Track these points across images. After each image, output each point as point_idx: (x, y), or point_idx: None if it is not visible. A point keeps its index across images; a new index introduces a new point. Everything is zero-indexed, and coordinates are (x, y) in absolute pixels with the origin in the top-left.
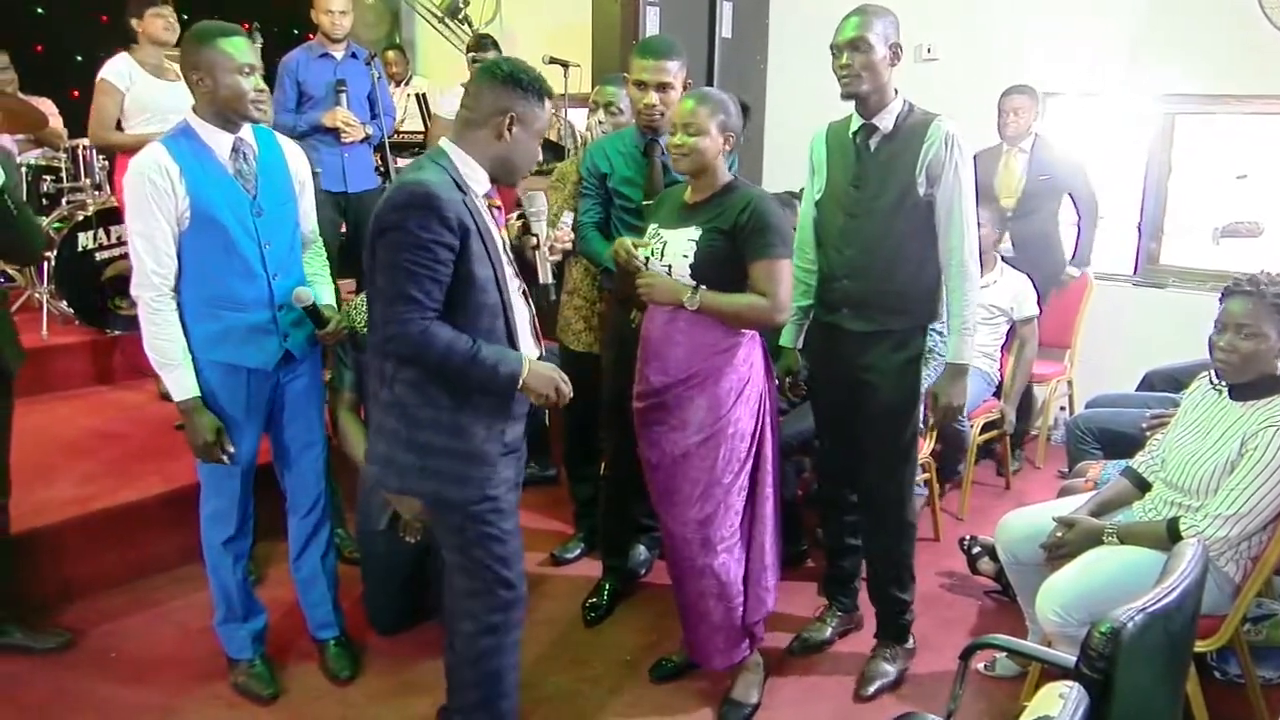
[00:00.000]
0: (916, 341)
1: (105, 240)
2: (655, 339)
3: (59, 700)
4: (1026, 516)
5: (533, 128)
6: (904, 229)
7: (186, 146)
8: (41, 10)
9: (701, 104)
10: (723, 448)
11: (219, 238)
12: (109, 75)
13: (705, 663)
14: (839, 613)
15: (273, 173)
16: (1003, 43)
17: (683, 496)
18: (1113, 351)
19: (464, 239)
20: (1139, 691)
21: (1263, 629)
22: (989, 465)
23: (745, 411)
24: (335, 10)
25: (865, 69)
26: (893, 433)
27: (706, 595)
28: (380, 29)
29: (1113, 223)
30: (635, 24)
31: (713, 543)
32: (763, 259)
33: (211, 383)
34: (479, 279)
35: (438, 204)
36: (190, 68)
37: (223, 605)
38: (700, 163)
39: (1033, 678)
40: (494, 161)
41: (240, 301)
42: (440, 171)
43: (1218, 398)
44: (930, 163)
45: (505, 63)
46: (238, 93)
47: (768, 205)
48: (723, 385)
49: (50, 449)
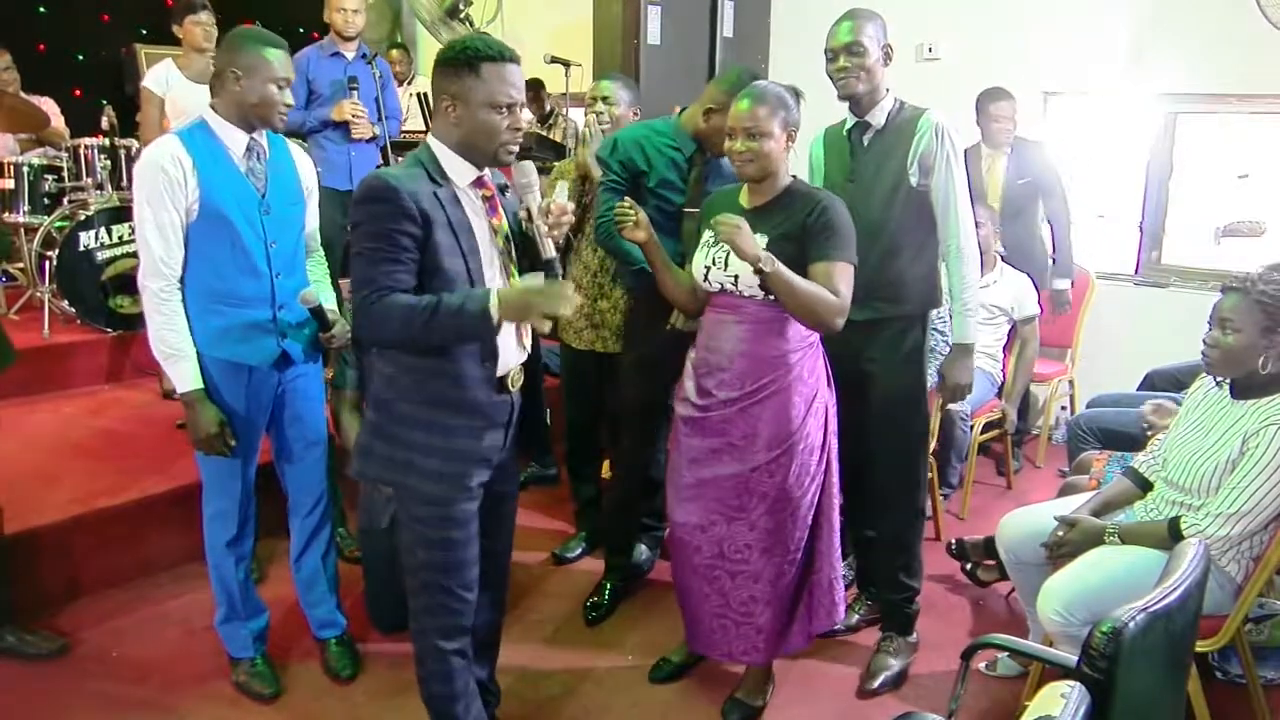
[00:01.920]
0: (916, 332)
1: (107, 240)
2: (715, 349)
3: (61, 699)
4: (1028, 516)
5: (473, 101)
6: (898, 219)
7: (202, 140)
8: (44, 9)
9: (760, 103)
10: (794, 463)
11: (226, 232)
12: (148, 83)
13: (745, 660)
14: (868, 601)
15: (282, 174)
16: (1004, 42)
17: (744, 509)
18: (1114, 351)
19: (428, 230)
20: (1140, 691)
21: (1264, 629)
22: (990, 465)
23: (815, 424)
24: (348, 8)
25: (861, 70)
26: (900, 424)
27: (757, 599)
28: (382, 28)
29: (1114, 222)
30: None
31: (774, 552)
32: (825, 260)
33: (215, 379)
34: (446, 271)
35: (394, 195)
36: (227, 65)
37: (225, 605)
38: (767, 168)
39: (1034, 677)
40: (458, 146)
41: (242, 297)
42: (414, 165)
43: (1219, 396)
44: (922, 154)
45: (440, 50)
46: (269, 101)
47: (836, 208)
48: (793, 400)
49: (52, 448)
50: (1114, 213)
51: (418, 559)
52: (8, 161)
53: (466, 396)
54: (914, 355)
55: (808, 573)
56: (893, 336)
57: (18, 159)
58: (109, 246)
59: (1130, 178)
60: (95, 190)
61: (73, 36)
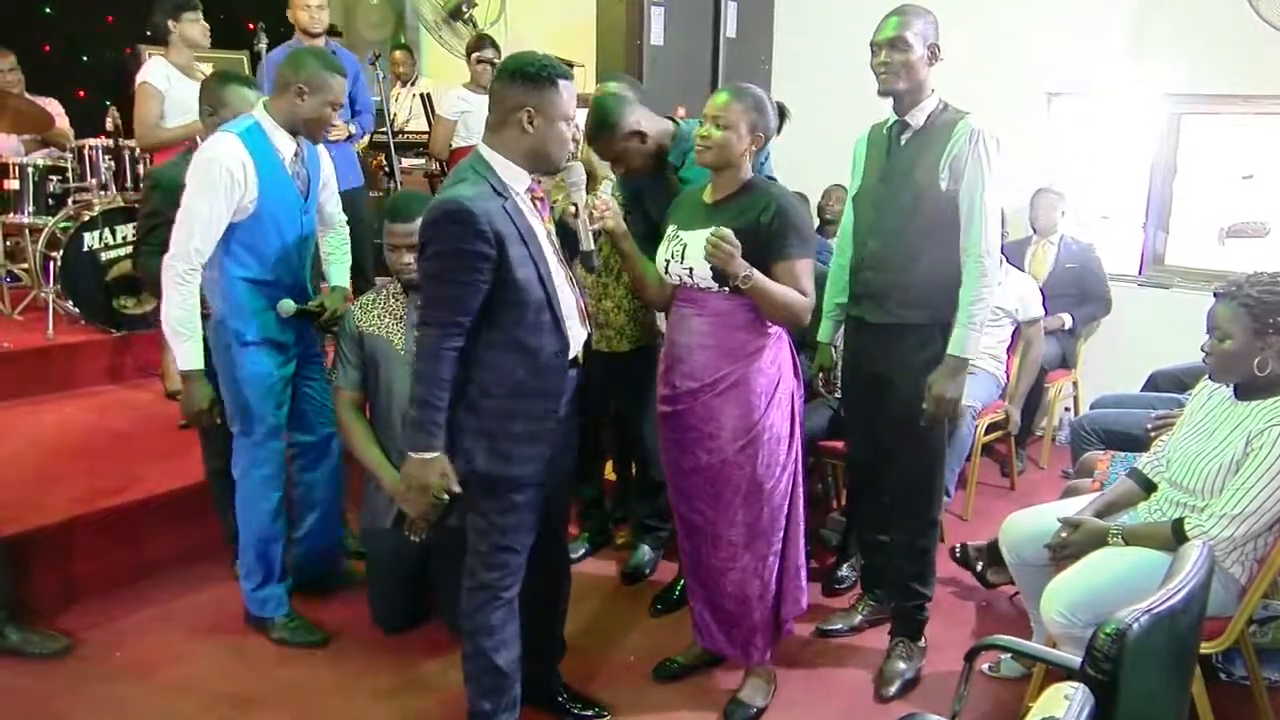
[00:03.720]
0: (938, 342)
1: (111, 240)
2: (680, 342)
3: (63, 699)
4: (1031, 517)
5: (553, 113)
6: (924, 223)
7: (259, 143)
8: (49, 11)
9: (737, 99)
10: (761, 452)
11: (274, 230)
12: (151, 79)
13: (744, 659)
14: (871, 602)
15: (314, 176)
16: (1007, 43)
17: (724, 502)
18: (1117, 352)
19: (501, 248)
20: (1144, 693)
21: (1268, 630)
22: (993, 466)
23: (779, 414)
24: (312, 5)
25: (903, 67)
26: (918, 432)
27: (750, 597)
28: (385, 29)
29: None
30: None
31: (757, 546)
32: (785, 260)
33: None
34: (520, 281)
35: (471, 218)
36: (298, 79)
37: (261, 571)
38: (723, 158)
39: (1037, 679)
40: (527, 156)
41: (282, 286)
42: (478, 181)
43: (1223, 398)
44: (954, 158)
45: (512, 60)
46: (323, 121)
47: (790, 204)
48: (754, 390)
49: (55, 448)
50: (1118, 214)
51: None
52: (13, 162)
53: (543, 383)
54: (934, 364)
55: (783, 562)
56: (913, 344)
57: (22, 160)
58: (113, 247)
59: (1134, 178)
60: (99, 191)
61: (77, 38)
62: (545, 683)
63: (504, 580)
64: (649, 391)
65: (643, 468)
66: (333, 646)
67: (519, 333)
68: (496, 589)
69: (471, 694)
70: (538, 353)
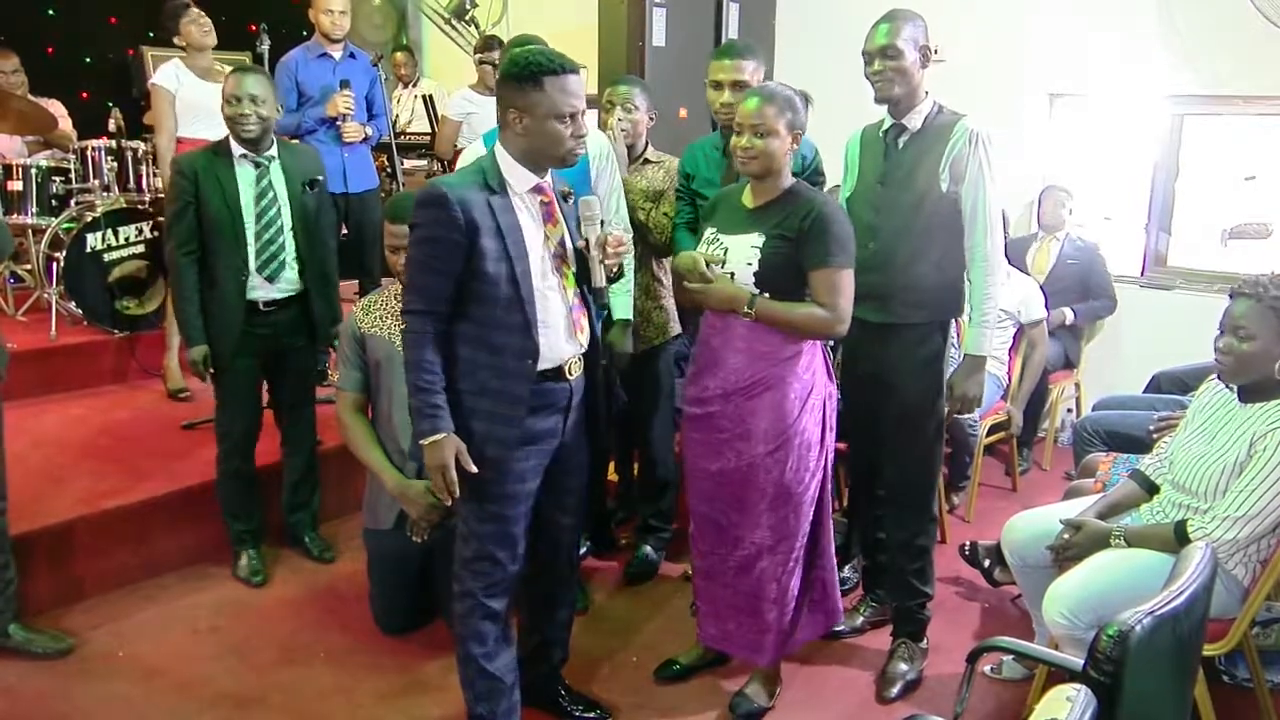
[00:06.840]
0: (935, 340)
1: (113, 241)
2: (713, 345)
3: (67, 699)
4: (1033, 519)
5: (539, 112)
6: (925, 225)
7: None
8: (51, 12)
9: (769, 102)
10: (791, 457)
11: None
12: (159, 80)
13: (752, 659)
14: (873, 603)
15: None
16: (1009, 44)
17: (750, 505)
18: (1120, 353)
19: (473, 237)
20: (1147, 695)
21: (1271, 633)
22: (996, 467)
23: (811, 420)
24: (335, 10)
25: (897, 74)
26: (915, 429)
27: (764, 598)
28: (387, 30)
29: (1120, 224)
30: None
31: (779, 550)
32: (822, 268)
33: None
34: (489, 274)
35: (444, 201)
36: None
37: None
38: (768, 165)
39: (1040, 681)
40: (525, 155)
41: None
42: (473, 173)
43: (1226, 400)
44: (954, 160)
45: (507, 58)
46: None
47: (833, 212)
48: (788, 395)
49: (59, 449)
50: (1120, 215)
51: (469, 528)
52: (15, 163)
53: (507, 387)
54: (933, 362)
55: (810, 571)
56: (912, 342)
57: (25, 161)
58: (115, 248)
59: (1136, 180)
60: (102, 192)
61: (80, 39)
62: (547, 685)
63: (488, 590)
64: (659, 392)
65: (648, 468)
66: (335, 647)
67: (486, 329)
68: (480, 597)
69: (468, 698)
70: (501, 352)
